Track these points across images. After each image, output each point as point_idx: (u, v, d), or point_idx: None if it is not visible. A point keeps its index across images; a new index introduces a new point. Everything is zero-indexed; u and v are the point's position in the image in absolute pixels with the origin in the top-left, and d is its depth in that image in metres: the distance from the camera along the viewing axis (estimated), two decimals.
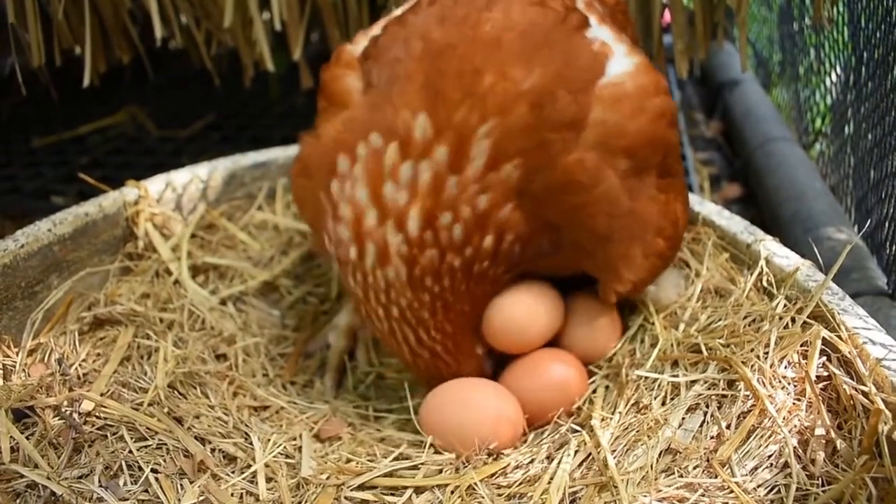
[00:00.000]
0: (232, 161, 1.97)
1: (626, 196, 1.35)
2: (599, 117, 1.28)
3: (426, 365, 1.38)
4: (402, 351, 1.37)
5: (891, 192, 2.03)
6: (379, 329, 1.36)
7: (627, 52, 1.37)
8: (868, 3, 2.38)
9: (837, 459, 1.13)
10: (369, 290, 1.30)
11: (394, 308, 1.30)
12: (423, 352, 1.35)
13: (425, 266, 1.26)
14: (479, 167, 1.23)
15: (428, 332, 1.33)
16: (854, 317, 1.31)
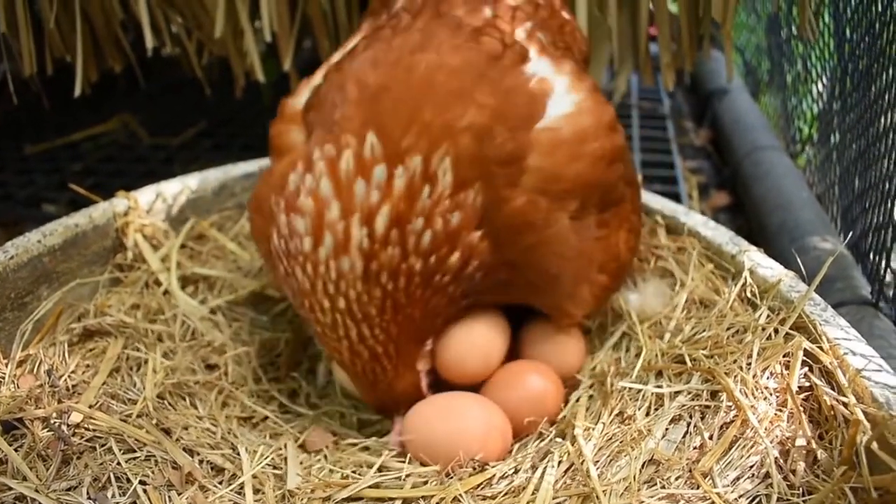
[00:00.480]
0: (222, 171, 1.98)
1: (575, 237, 1.39)
2: (537, 164, 1.31)
3: (363, 368, 1.33)
4: (340, 348, 1.31)
5: (875, 203, 2.05)
6: (321, 323, 1.31)
7: (568, 87, 1.39)
8: (853, 14, 2.40)
9: (818, 469, 1.15)
10: (318, 280, 1.26)
11: (341, 300, 1.26)
12: (364, 351, 1.31)
13: (384, 262, 1.24)
14: (449, 183, 1.24)
15: (372, 330, 1.29)
16: (836, 327, 1.33)
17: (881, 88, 2.08)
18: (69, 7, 2.41)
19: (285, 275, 1.32)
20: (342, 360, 1.34)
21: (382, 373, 1.34)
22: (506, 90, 1.32)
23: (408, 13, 1.48)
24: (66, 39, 2.59)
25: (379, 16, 1.62)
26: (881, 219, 1.99)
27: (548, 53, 1.45)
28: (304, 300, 1.30)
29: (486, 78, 1.32)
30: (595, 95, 1.43)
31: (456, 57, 1.32)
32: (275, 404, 1.59)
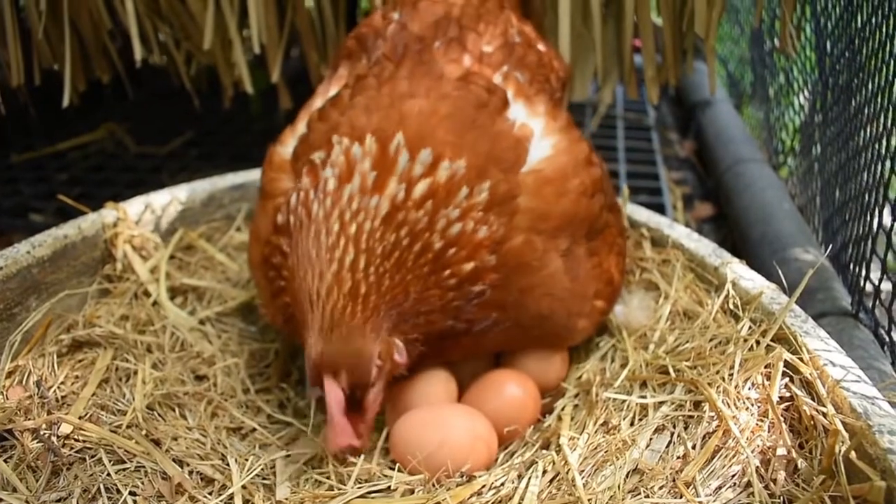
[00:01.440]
0: (210, 183, 2.00)
1: (567, 278, 1.46)
2: (527, 204, 1.39)
3: (335, 301, 1.27)
4: (325, 272, 1.28)
5: (855, 215, 2.08)
6: (320, 244, 1.29)
7: (544, 131, 1.48)
8: (833, 29, 2.44)
9: (798, 478, 1.18)
10: (335, 209, 1.29)
11: (353, 226, 1.28)
12: (348, 280, 1.27)
13: (409, 220, 1.29)
14: (484, 200, 1.34)
15: (367, 265, 1.28)
16: (815, 339, 1.36)
17: (861, 103, 2.12)
18: (57, 17, 2.42)
19: (294, 215, 1.34)
20: (318, 289, 1.28)
21: (349, 316, 1.28)
22: (494, 136, 1.41)
23: (390, 61, 1.55)
24: (55, 49, 2.60)
25: (357, 60, 1.68)
26: (861, 231, 2.02)
27: (523, 95, 1.53)
28: (312, 228, 1.30)
29: (478, 123, 1.41)
30: (569, 134, 1.51)
31: (446, 104, 1.41)
32: (263, 415, 1.60)
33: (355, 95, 1.46)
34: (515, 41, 1.66)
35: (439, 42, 1.57)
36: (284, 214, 1.36)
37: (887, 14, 1.95)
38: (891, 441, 1.10)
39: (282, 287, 1.40)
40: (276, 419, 1.59)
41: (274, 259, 1.40)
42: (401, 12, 1.69)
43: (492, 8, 1.72)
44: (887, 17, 1.96)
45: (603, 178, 1.58)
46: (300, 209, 1.33)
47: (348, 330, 1.27)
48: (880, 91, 1.98)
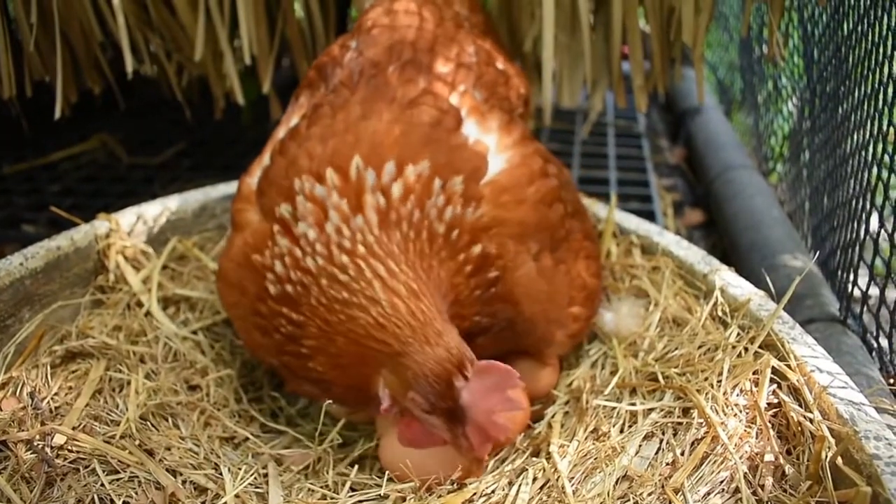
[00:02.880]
0: (202, 193, 2.01)
1: (542, 281, 1.49)
2: (490, 212, 1.42)
3: (409, 312, 1.26)
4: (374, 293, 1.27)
5: (843, 221, 2.10)
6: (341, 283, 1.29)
7: (497, 147, 1.52)
8: (820, 37, 2.46)
9: (786, 484, 1.19)
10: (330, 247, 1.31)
11: (360, 247, 1.30)
12: (399, 286, 1.28)
13: (403, 215, 1.34)
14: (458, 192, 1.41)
15: (398, 264, 1.30)
16: (803, 345, 1.38)
17: (847, 110, 2.13)
18: (48, 29, 2.42)
19: (291, 283, 1.34)
20: (381, 315, 1.27)
21: (424, 314, 1.27)
22: (452, 148, 1.45)
23: (346, 88, 1.58)
24: (46, 61, 2.61)
25: (317, 89, 1.71)
26: (849, 237, 2.04)
27: (477, 112, 1.56)
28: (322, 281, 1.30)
29: (433, 138, 1.45)
30: (522, 149, 1.54)
31: (399, 125, 1.44)
32: (256, 424, 1.60)
33: (311, 125, 1.50)
34: (472, 60, 1.69)
35: (393, 66, 1.59)
36: (278, 285, 1.36)
37: (873, 22, 1.97)
38: (877, 447, 1.11)
39: (305, 355, 1.37)
40: (268, 428, 1.60)
41: (282, 329, 1.38)
42: (357, 40, 1.72)
43: (448, 29, 1.76)
44: (873, 25, 1.97)
45: (560, 187, 1.60)
46: (296, 274, 1.33)
47: (429, 331, 1.26)
48: (867, 99, 1.99)
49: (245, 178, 1.60)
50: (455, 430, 1.24)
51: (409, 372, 1.24)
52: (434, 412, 1.24)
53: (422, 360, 1.22)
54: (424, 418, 1.27)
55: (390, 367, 1.28)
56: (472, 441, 1.23)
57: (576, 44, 2.40)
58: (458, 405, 1.21)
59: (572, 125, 4.03)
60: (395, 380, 1.28)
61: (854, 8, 2.12)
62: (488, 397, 1.21)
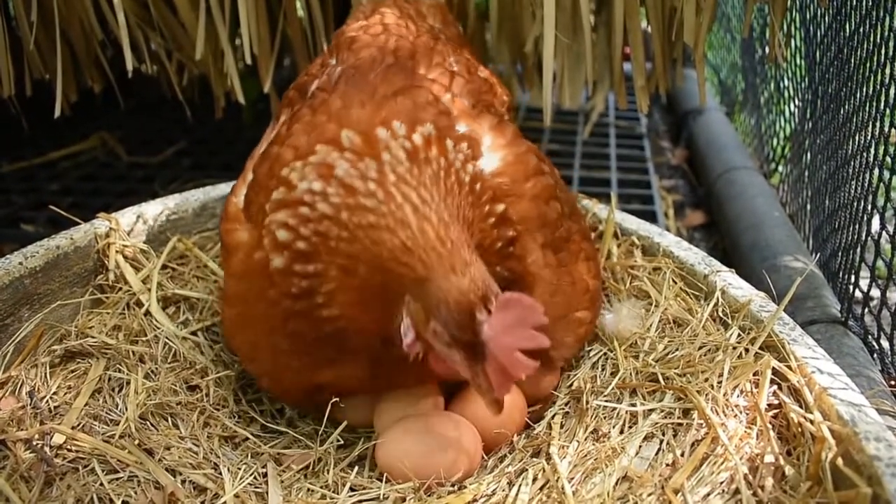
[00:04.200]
0: (202, 192, 2.00)
1: (550, 274, 1.48)
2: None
3: (437, 235, 1.21)
4: (405, 216, 1.22)
5: (844, 223, 2.09)
6: (371, 209, 1.23)
7: (491, 146, 1.50)
8: (822, 38, 2.46)
9: (786, 485, 1.18)
10: (355, 180, 1.25)
11: (391, 175, 1.25)
12: (431, 214, 1.23)
13: (431, 158, 1.29)
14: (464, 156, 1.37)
15: (430, 192, 1.25)
16: (803, 346, 1.37)
17: (850, 111, 2.13)
18: (49, 28, 2.42)
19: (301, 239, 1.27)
20: (410, 238, 1.21)
21: (453, 243, 1.22)
22: (450, 125, 1.43)
23: (324, 91, 1.56)
24: (46, 60, 2.61)
25: (296, 104, 1.67)
26: (851, 238, 2.04)
27: (466, 116, 1.54)
28: (339, 211, 1.24)
29: (426, 111, 1.42)
30: (516, 148, 1.52)
31: (384, 111, 1.38)
32: (256, 425, 1.60)
33: (292, 125, 1.46)
34: (454, 69, 1.68)
35: (375, 71, 1.57)
36: (284, 252, 1.28)
37: (875, 24, 1.97)
38: (877, 448, 1.11)
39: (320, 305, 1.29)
40: (268, 428, 1.60)
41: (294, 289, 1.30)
42: (337, 56, 1.71)
43: (427, 41, 1.75)
44: (875, 26, 1.97)
45: (556, 186, 1.59)
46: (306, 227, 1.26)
47: (469, 258, 1.21)
48: (868, 100, 1.99)
49: (231, 198, 1.56)
50: (475, 367, 1.19)
51: (431, 299, 1.18)
52: (454, 345, 1.19)
53: (446, 288, 1.17)
54: (445, 353, 1.22)
55: (414, 293, 1.22)
56: (491, 380, 1.18)
57: (577, 44, 2.40)
58: (478, 339, 1.16)
59: (574, 126, 4.03)
60: (418, 308, 1.22)
61: (856, 9, 2.12)
62: (510, 332, 1.17)
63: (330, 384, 1.43)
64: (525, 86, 2.90)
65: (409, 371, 1.34)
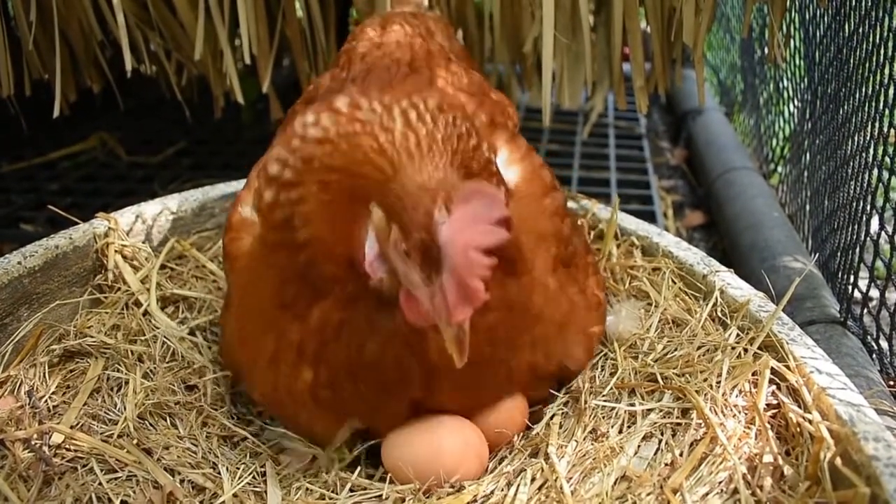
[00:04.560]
0: (201, 192, 2.00)
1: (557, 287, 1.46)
2: None
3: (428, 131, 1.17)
4: (392, 121, 1.17)
5: (843, 223, 2.09)
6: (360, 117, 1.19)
7: (507, 160, 1.49)
8: (822, 39, 2.46)
9: (784, 485, 1.18)
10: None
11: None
12: (422, 127, 1.17)
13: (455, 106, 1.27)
14: None
15: (433, 118, 1.19)
16: (802, 346, 1.37)
17: (849, 112, 2.13)
18: (48, 28, 2.42)
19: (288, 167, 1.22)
20: (388, 140, 1.16)
21: (431, 149, 1.16)
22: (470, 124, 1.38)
23: (333, 92, 1.52)
24: (45, 60, 2.61)
25: None
26: (850, 239, 2.04)
27: (483, 129, 1.52)
28: (331, 128, 1.20)
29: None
30: (531, 163, 1.53)
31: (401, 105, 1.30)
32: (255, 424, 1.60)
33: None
34: (471, 89, 1.68)
35: (392, 75, 1.57)
36: (272, 186, 1.24)
37: (874, 24, 1.97)
38: (876, 448, 1.11)
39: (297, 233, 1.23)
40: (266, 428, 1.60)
41: (278, 214, 1.25)
42: (349, 70, 1.70)
43: (441, 59, 1.75)
44: (874, 26, 1.97)
45: (566, 203, 1.60)
46: (293, 157, 1.21)
47: (444, 166, 1.15)
48: (867, 100, 1.99)
49: (234, 210, 1.53)
50: (431, 284, 1.10)
51: (391, 197, 1.12)
52: (411, 256, 1.11)
53: (408, 185, 1.11)
54: (404, 275, 1.14)
55: (377, 197, 1.16)
56: (447, 298, 1.07)
57: (576, 45, 2.40)
58: (433, 241, 1.07)
59: (573, 126, 4.03)
60: (380, 216, 1.17)
61: (855, 9, 2.12)
62: (469, 228, 1.06)
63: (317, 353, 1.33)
64: (524, 86, 2.90)
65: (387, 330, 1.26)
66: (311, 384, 1.34)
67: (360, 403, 1.36)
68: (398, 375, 1.31)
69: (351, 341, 1.28)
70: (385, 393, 1.33)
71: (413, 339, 1.26)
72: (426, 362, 1.28)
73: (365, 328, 1.27)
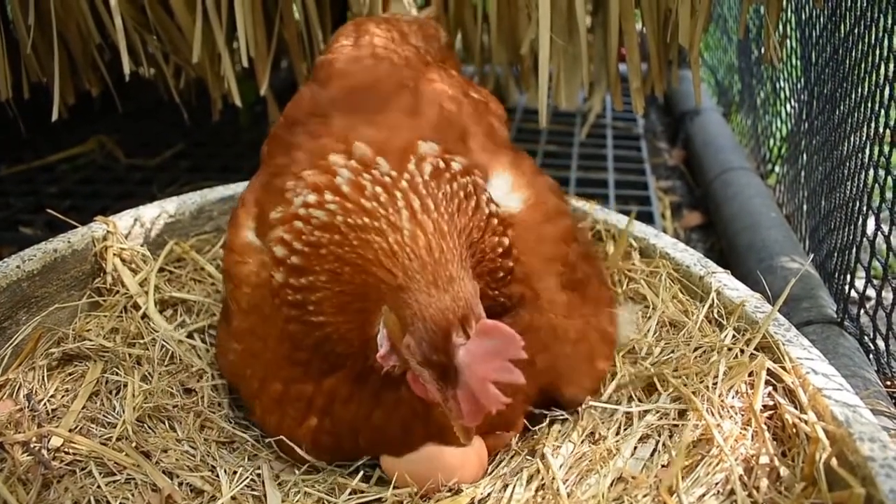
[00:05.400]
0: (200, 195, 2.01)
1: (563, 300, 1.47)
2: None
3: (426, 246, 1.17)
4: (400, 223, 1.19)
5: (840, 224, 2.10)
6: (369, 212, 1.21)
7: (512, 186, 1.51)
8: (818, 39, 2.46)
9: (780, 486, 1.19)
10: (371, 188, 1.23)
11: (402, 182, 1.24)
12: (428, 221, 1.19)
13: (454, 173, 1.30)
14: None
15: (435, 205, 1.21)
16: (798, 347, 1.38)
17: (845, 112, 2.14)
18: (46, 31, 2.43)
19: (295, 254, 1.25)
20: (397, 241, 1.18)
21: (443, 253, 1.18)
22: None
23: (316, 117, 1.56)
24: (43, 63, 2.61)
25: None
26: (846, 239, 2.04)
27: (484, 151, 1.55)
28: (335, 216, 1.23)
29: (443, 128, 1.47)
30: (534, 190, 1.52)
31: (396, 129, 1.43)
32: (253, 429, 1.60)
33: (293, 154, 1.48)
34: (450, 94, 1.67)
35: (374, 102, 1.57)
36: (280, 269, 1.27)
37: (870, 24, 1.98)
38: (871, 448, 1.11)
39: (312, 315, 1.26)
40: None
41: (290, 297, 1.28)
42: (328, 87, 1.69)
43: (416, 64, 1.75)
44: (870, 26, 1.98)
45: (575, 227, 1.59)
46: (298, 242, 1.24)
47: (457, 273, 1.16)
48: (863, 101, 2.00)
49: (234, 229, 1.55)
50: (445, 390, 1.14)
51: (407, 311, 1.13)
52: (426, 364, 1.14)
53: (424, 302, 1.11)
54: (418, 370, 1.16)
55: (390, 302, 1.18)
56: (461, 407, 1.12)
57: (573, 46, 2.40)
58: (452, 364, 1.10)
59: (571, 127, 4.03)
60: (394, 319, 1.18)
61: (851, 10, 2.12)
62: (486, 361, 1.09)
63: (325, 409, 1.38)
64: (522, 87, 2.90)
65: (394, 399, 1.32)
66: (314, 429, 1.38)
67: (360, 452, 1.41)
68: (403, 435, 1.35)
69: (359, 410, 1.34)
70: (388, 446, 1.37)
71: (419, 408, 1.31)
72: (431, 424, 1.33)
73: (372, 401, 1.33)
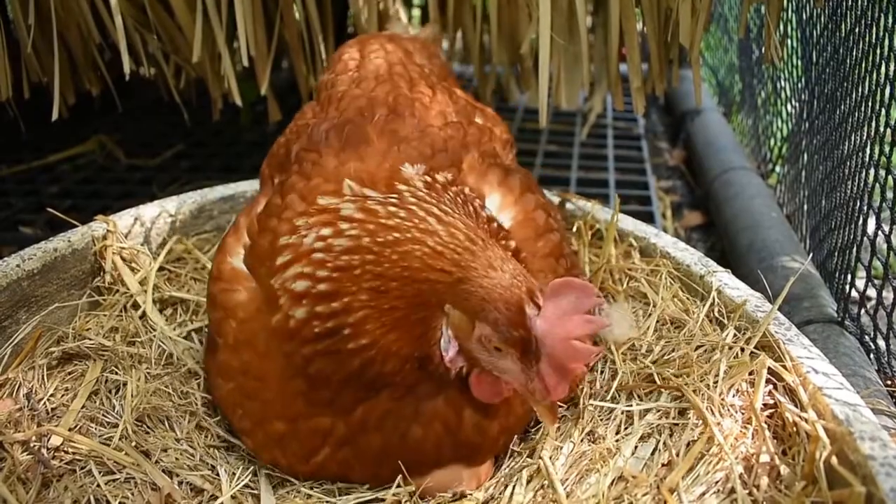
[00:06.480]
0: (200, 194, 2.01)
1: None
2: None
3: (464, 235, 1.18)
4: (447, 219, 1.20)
5: (841, 223, 2.10)
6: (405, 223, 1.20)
7: (501, 204, 1.53)
8: (818, 40, 2.46)
9: (781, 484, 1.19)
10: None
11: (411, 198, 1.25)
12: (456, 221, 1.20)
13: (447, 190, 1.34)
14: None
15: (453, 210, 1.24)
16: (798, 346, 1.38)
17: (845, 112, 2.14)
18: (46, 31, 2.42)
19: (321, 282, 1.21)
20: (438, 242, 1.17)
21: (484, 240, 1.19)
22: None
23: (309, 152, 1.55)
24: (44, 63, 2.61)
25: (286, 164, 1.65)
26: (847, 238, 2.04)
27: (474, 171, 1.58)
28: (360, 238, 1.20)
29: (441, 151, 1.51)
30: (524, 203, 1.55)
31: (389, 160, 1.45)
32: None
33: (286, 195, 1.44)
34: (453, 120, 1.67)
35: (371, 122, 1.58)
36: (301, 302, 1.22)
37: (870, 23, 1.98)
38: (871, 447, 1.11)
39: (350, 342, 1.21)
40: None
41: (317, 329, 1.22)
42: (328, 110, 1.71)
43: (424, 90, 1.75)
44: (870, 26, 1.98)
45: (563, 241, 1.59)
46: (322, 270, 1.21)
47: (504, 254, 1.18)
48: (864, 100, 2.00)
49: (223, 257, 1.50)
50: (528, 370, 1.14)
51: (474, 299, 1.13)
52: (506, 349, 1.14)
53: (489, 285, 1.12)
54: (493, 363, 1.18)
55: (452, 299, 1.17)
56: (546, 381, 1.13)
57: (574, 46, 2.40)
58: (531, 335, 1.11)
59: (571, 127, 4.03)
60: (459, 316, 1.18)
61: (851, 9, 2.12)
62: (564, 321, 1.11)
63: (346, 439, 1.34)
64: (522, 87, 2.90)
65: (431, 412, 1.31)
66: (321, 461, 1.34)
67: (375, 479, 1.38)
68: (434, 450, 1.33)
69: (395, 430, 1.31)
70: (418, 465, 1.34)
71: (451, 422, 1.31)
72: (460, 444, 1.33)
73: (410, 415, 1.31)
